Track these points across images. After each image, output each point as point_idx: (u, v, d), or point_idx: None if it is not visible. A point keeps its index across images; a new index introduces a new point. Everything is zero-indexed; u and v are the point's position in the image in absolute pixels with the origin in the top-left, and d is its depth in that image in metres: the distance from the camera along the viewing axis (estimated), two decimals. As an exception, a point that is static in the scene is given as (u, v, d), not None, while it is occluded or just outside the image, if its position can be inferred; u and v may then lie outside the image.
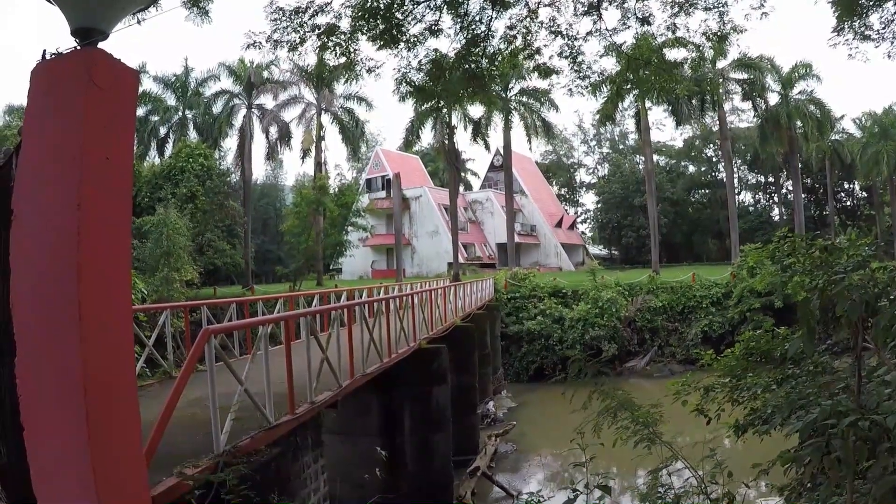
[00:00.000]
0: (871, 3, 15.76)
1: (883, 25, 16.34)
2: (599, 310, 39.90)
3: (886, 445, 4.24)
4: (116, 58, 4.13)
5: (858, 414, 4.22)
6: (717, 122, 62.42)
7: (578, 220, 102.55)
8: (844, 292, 4.85)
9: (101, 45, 4.25)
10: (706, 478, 6.72)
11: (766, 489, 11.54)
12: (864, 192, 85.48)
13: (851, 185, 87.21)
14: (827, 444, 4.47)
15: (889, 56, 16.90)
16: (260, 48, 12.72)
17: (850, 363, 5.59)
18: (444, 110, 50.81)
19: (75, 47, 4.23)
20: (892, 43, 16.71)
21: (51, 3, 4.26)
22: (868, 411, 4.30)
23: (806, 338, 5.42)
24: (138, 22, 8.31)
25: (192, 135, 61.46)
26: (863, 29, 16.44)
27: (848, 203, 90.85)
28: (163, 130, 61.76)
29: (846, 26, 16.36)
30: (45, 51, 4.15)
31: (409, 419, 17.43)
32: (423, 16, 13.17)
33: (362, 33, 12.63)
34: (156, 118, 60.93)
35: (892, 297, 5.26)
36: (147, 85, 58.82)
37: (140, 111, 58.63)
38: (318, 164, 59.32)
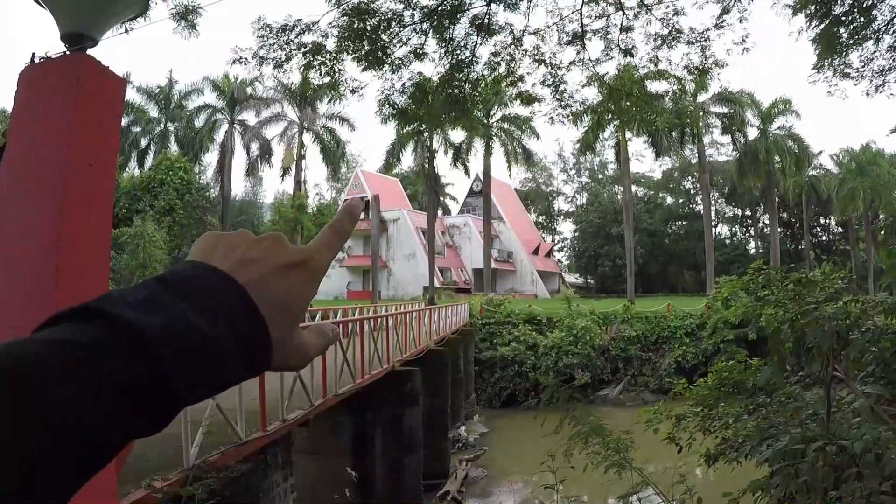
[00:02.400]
0: (851, 42, 15.98)
1: (862, 64, 16.56)
2: (574, 338, 39.89)
3: (854, 471, 4.29)
4: (104, 65, 4.14)
5: (827, 440, 4.27)
6: (696, 155, 62.92)
7: (555, 248, 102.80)
8: (816, 322, 4.91)
9: (89, 51, 4.27)
10: (676, 504, 6.74)
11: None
12: (839, 228, 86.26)
13: (827, 221, 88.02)
14: (796, 471, 4.52)
15: (868, 94, 17.13)
16: (245, 64, 12.79)
17: (821, 393, 5.65)
18: (426, 134, 50.96)
19: (64, 52, 4.24)
20: (871, 81, 16.94)
21: (41, 6, 4.26)
22: (837, 438, 4.35)
23: (776, 368, 5.49)
24: (126, 31, 8.33)
25: (173, 147, 61.34)
26: (842, 67, 16.66)
27: (824, 238, 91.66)
28: (144, 142, 61.63)
29: (826, 64, 16.59)
30: (33, 54, 4.16)
31: (381, 441, 17.38)
32: (409, 39, 13.27)
33: (348, 53, 12.72)
34: (137, 129, 60.75)
35: (863, 329, 5.34)
36: (130, 95, 58.71)
37: (122, 121, 58.19)
38: (298, 183, 59.31)
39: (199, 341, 0.67)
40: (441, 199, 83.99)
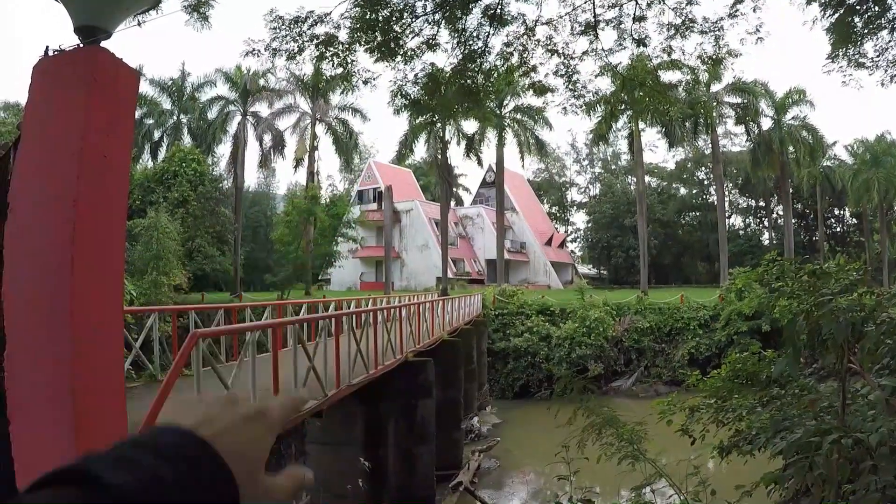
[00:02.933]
0: (865, 32, 15.86)
1: (877, 53, 16.43)
2: (587, 329, 39.86)
3: (869, 463, 4.27)
4: (118, 57, 4.15)
5: (842, 432, 4.25)
6: (710, 146, 62.65)
7: (568, 238, 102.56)
8: (831, 314, 4.89)
9: (102, 44, 4.27)
10: (689, 496, 6.73)
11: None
12: (854, 219, 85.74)
13: (842, 212, 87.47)
14: (810, 463, 4.50)
15: (882, 84, 17.00)
16: (258, 56, 12.78)
17: (835, 385, 5.62)
18: (439, 125, 50.96)
19: (78, 45, 4.25)
20: (886, 71, 16.81)
21: (55, 0, 4.28)
22: (852, 430, 4.32)
23: (791, 359, 5.46)
24: (139, 24, 8.33)
25: (186, 139, 61.44)
26: (857, 56, 16.54)
27: (838, 229, 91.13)
28: (157, 134, 61.76)
29: (841, 53, 16.46)
30: (47, 47, 4.17)
31: (394, 431, 17.41)
32: (421, 30, 13.24)
33: (360, 45, 12.69)
34: (150, 121, 60.89)
35: (878, 321, 5.30)
36: (143, 88, 58.73)
37: (136, 113, 58.38)
38: (311, 174, 59.25)
39: (170, 489, 0.75)
40: (454, 189, 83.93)
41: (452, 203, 76.05)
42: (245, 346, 9.87)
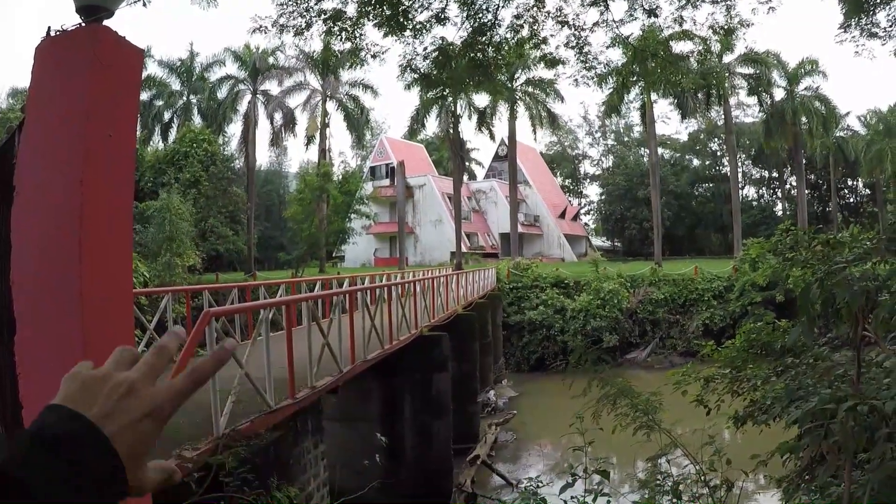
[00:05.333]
0: (878, 1, 15.73)
1: (890, 23, 16.33)
2: (601, 301, 39.86)
3: (885, 431, 4.25)
4: (121, 35, 4.12)
5: (857, 399, 4.23)
6: (723, 117, 62.46)
7: (582, 211, 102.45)
8: (845, 282, 4.85)
9: (106, 23, 4.25)
10: (705, 466, 6.73)
11: (764, 482, 11.57)
12: (867, 190, 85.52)
13: (855, 182, 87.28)
14: (825, 431, 4.49)
15: (895, 54, 16.89)
16: (266, 33, 12.73)
17: (850, 354, 5.60)
18: (450, 99, 50.76)
19: (80, 24, 4.22)
20: (899, 41, 16.69)
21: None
22: (867, 398, 4.30)
23: (806, 327, 5.43)
24: (144, 3, 8.27)
25: (197, 120, 61.38)
26: (869, 26, 16.42)
27: (851, 200, 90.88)
28: (167, 115, 61.72)
29: (853, 23, 16.35)
30: (49, 27, 4.15)
31: (410, 406, 17.46)
32: (430, 3, 13.15)
33: (368, 19, 12.62)
34: (160, 103, 60.80)
35: (892, 290, 5.27)
36: (152, 69, 58.76)
37: (144, 95, 58.56)
38: (323, 151, 59.21)
39: (62, 480, 0.82)
40: (466, 164, 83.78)
41: (465, 177, 75.96)
42: (258, 323, 9.88)
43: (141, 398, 0.95)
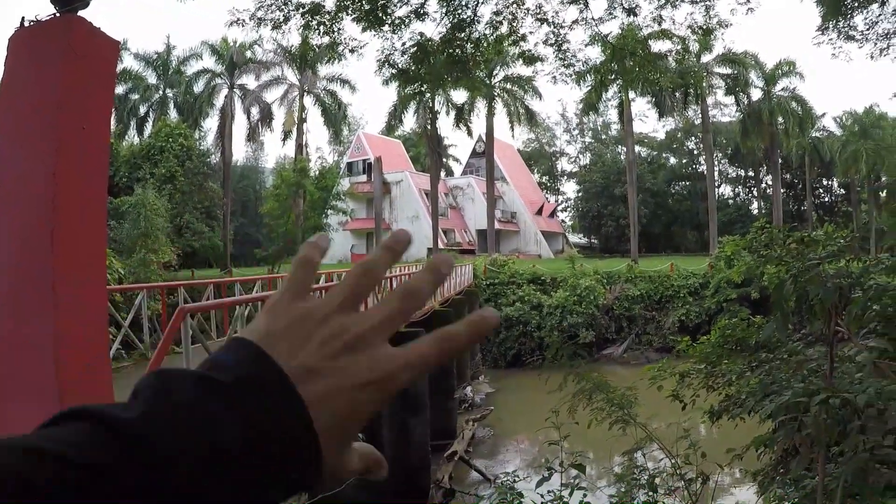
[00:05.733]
0: (856, 4, 15.91)
1: (867, 27, 16.53)
2: (578, 297, 40.00)
3: (857, 424, 4.30)
4: (96, 26, 4.08)
5: (830, 392, 4.28)
6: (700, 116, 62.84)
7: (559, 208, 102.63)
8: (818, 278, 4.90)
9: (81, 13, 4.21)
10: (681, 459, 6.78)
11: (740, 476, 11.66)
12: (842, 189, 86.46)
13: (830, 182, 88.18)
14: (799, 424, 4.53)
15: (872, 57, 17.16)
16: (243, 26, 12.72)
17: (823, 349, 5.66)
18: (428, 95, 50.82)
19: (54, 14, 4.18)
20: (875, 44, 16.91)
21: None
22: (839, 391, 4.35)
23: (779, 323, 5.48)
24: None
25: (173, 114, 60.90)
26: (847, 29, 16.62)
27: (826, 199, 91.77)
28: (143, 109, 61.24)
29: (831, 26, 16.53)
30: (23, 18, 4.10)
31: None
32: (409, -2, 13.14)
33: (347, 13, 12.60)
34: (136, 96, 60.37)
35: (864, 287, 5.34)
36: (128, 62, 58.36)
37: (120, 89, 58.16)
38: (299, 147, 58.99)
39: (228, 464, 0.59)
40: (444, 160, 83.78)
41: (442, 174, 75.97)
42: (234, 320, 9.84)
43: (370, 358, 0.72)
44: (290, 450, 0.63)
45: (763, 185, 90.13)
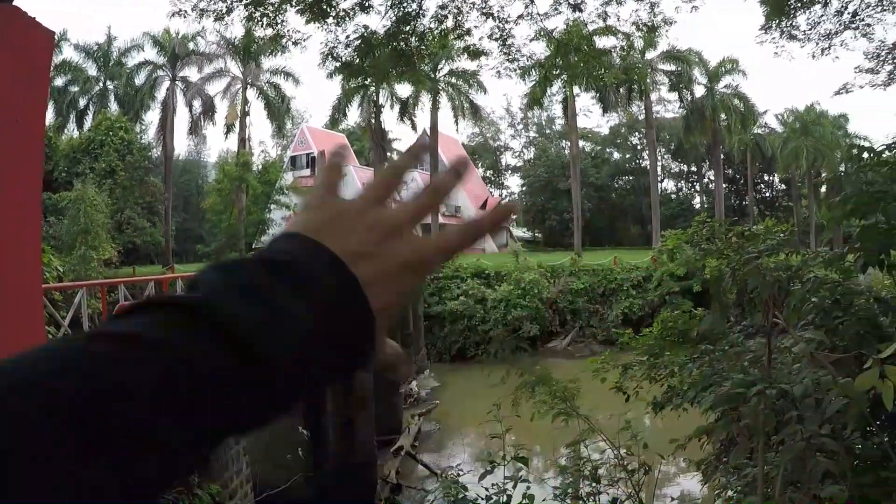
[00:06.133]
0: (799, 5, 16.18)
1: (810, 27, 16.84)
2: (522, 291, 40.17)
3: (794, 414, 4.39)
4: (31, 16, 4.00)
5: (767, 383, 4.36)
6: (644, 111, 63.51)
7: (503, 202, 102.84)
8: (756, 271, 4.99)
9: (16, 3, 4.12)
10: (623, 450, 6.86)
11: (684, 465, 11.82)
12: (783, 185, 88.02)
13: (771, 178, 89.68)
14: (738, 415, 4.62)
15: (814, 56, 17.50)
16: (185, 17, 12.51)
17: (763, 341, 5.77)
18: (372, 89, 50.64)
19: (-13, 4, 4.09)
20: (817, 44, 17.25)
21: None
22: (776, 382, 4.44)
23: (718, 314, 5.58)
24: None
25: (113, 107, 59.94)
26: (790, 29, 16.92)
27: (767, 194, 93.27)
28: (82, 102, 60.15)
29: (774, 25, 16.81)
30: (-45, 7, 4.00)
31: (332, 399, 17.36)
32: (353, -10, 13.07)
33: (290, 5, 12.49)
34: (75, 89, 59.27)
35: (803, 280, 5.45)
36: (67, 53, 57.39)
37: (59, 81, 57.23)
38: (242, 140, 58.40)
39: (301, 336, 0.62)
40: (388, 154, 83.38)
41: (387, 168, 75.61)
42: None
43: (408, 242, 0.77)
44: (353, 329, 0.67)
45: (705, 180, 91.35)
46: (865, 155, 5.10)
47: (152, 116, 61.72)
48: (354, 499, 16.73)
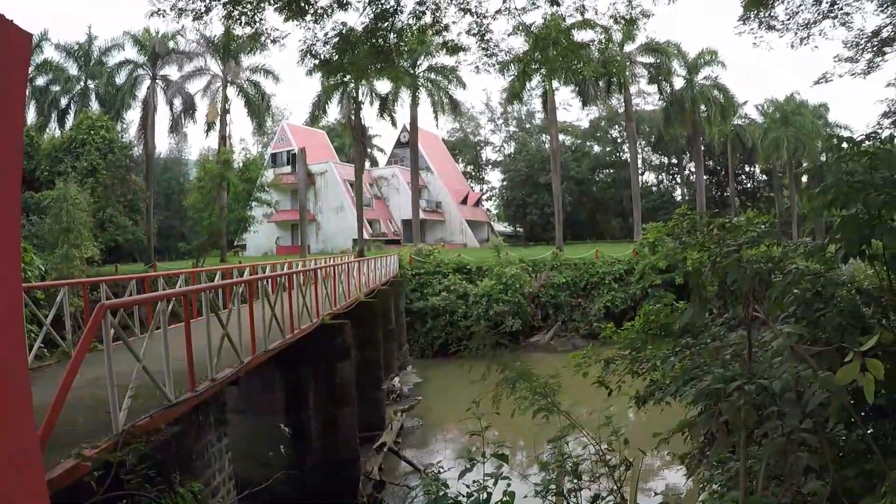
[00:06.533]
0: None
1: (788, 17, 16.91)
2: (504, 286, 40.28)
3: (774, 409, 4.38)
4: (8, 18, 3.95)
5: (746, 379, 4.36)
6: (623, 104, 63.61)
7: (484, 197, 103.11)
8: (736, 263, 4.99)
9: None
10: (605, 446, 6.86)
11: (669, 458, 11.87)
12: (764, 176, 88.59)
13: (752, 169, 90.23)
14: (719, 410, 4.62)
15: (792, 46, 17.58)
16: (164, 17, 12.39)
17: (744, 334, 5.77)
18: (351, 85, 50.57)
19: (-40, 5, 4.03)
20: (796, 34, 17.33)
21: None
22: (757, 377, 4.44)
23: (698, 307, 5.57)
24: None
25: (95, 106, 59.73)
26: (768, 19, 16.98)
27: (748, 185, 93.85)
28: (64, 101, 59.99)
29: (752, 15, 16.87)
30: (-74, 8, 3.95)
31: (314, 395, 17.33)
32: (331, -13, 13.00)
33: (269, 3, 12.42)
34: (57, 88, 59.05)
35: (784, 272, 5.45)
36: (48, 53, 57.27)
37: (40, 80, 57.08)
38: (223, 138, 58.12)
39: None
40: (368, 150, 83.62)
41: (367, 164, 75.84)
42: (156, 316, 9.64)
43: None
44: None
45: (686, 171, 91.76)
46: (845, 145, 5.10)
47: (133, 115, 61.59)
48: (337, 495, 16.72)
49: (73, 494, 6.46)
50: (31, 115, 57.30)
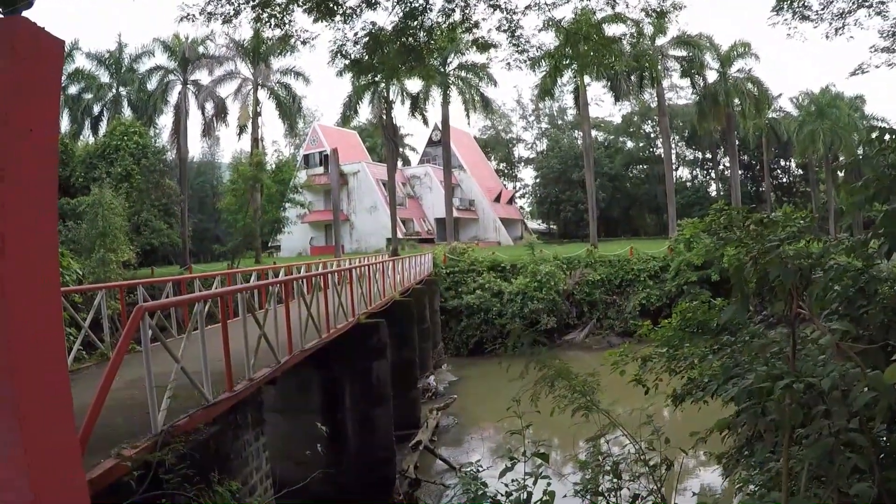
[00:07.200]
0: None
1: (822, 6, 16.65)
2: (538, 283, 40.16)
3: (821, 408, 4.30)
4: (40, 27, 3.98)
5: (793, 377, 4.28)
6: (656, 99, 63.12)
7: (517, 194, 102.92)
8: (778, 259, 4.91)
9: (27, 14, 4.10)
10: (644, 445, 6.79)
11: (704, 458, 11.75)
12: (799, 170, 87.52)
13: (788, 163, 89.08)
14: (762, 409, 4.54)
15: (827, 36, 17.27)
16: (193, 21, 12.44)
17: (785, 332, 5.68)
18: (382, 85, 50.61)
19: (-5, 15, 4.07)
20: (831, 24, 17.05)
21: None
22: (803, 375, 4.36)
23: (739, 304, 5.48)
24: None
25: (127, 112, 60.38)
26: (802, 9, 16.72)
27: (784, 180, 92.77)
28: (96, 108, 60.63)
29: (786, 6, 16.62)
30: (-38, 19, 3.99)
31: (350, 395, 17.38)
32: (360, -13, 13.00)
33: (297, 5, 12.43)
34: (89, 96, 59.69)
35: (825, 268, 5.35)
36: (80, 62, 57.88)
37: (73, 89, 57.76)
38: (255, 141, 58.48)
39: None
40: (400, 149, 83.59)
41: (399, 163, 75.81)
42: (193, 317, 9.71)
43: None
44: None
45: (721, 166, 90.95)
46: (886, 137, 4.99)
47: (165, 120, 62.28)
48: (373, 494, 16.76)
49: (113, 494, 6.52)
50: (64, 123, 58.03)
